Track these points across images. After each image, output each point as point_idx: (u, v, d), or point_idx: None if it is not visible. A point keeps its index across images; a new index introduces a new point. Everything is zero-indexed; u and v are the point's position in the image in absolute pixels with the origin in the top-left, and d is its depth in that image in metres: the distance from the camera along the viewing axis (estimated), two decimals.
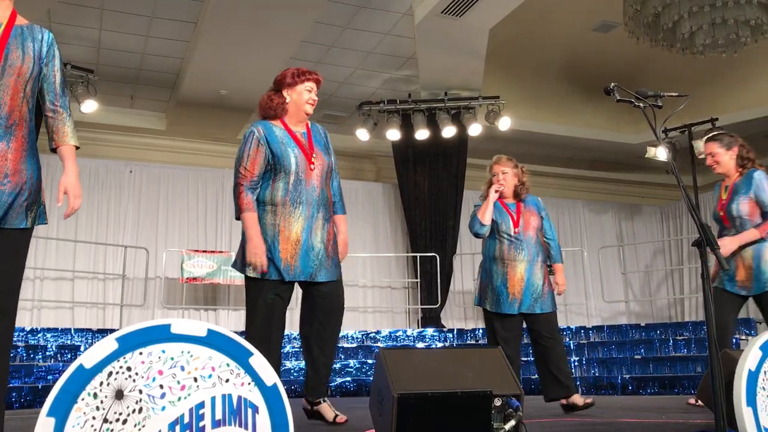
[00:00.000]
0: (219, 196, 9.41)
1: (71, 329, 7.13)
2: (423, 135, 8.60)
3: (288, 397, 1.78)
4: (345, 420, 3.22)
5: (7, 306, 2.32)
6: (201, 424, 1.63)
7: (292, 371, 7.14)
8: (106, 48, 7.58)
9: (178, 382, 1.63)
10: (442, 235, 9.11)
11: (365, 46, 7.74)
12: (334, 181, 3.46)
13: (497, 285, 4.12)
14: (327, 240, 3.29)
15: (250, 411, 1.69)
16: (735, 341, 6.37)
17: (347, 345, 7.76)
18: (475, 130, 8.50)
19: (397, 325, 9.51)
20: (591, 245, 10.73)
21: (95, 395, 1.54)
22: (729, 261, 3.78)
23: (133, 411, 1.57)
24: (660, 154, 8.86)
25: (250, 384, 1.71)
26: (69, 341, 6.91)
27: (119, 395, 1.57)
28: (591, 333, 7.66)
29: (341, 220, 3.48)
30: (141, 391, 1.59)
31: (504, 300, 4.09)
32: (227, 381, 1.69)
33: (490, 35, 7.28)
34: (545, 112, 9.48)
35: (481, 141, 9.07)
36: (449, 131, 8.53)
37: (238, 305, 9.09)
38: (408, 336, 7.99)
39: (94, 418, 1.53)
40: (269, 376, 1.74)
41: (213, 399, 1.66)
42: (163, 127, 9.28)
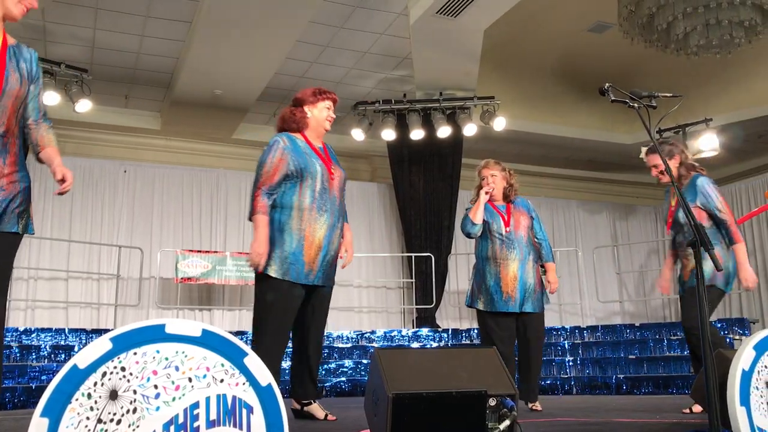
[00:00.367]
0: (214, 196, 9.39)
1: (65, 329, 7.10)
2: (418, 135, 8.61)
3: (282, 397, 1.78)
4: (335, 418, 3.40)
5: None
6: (195, 424, 1.63)
7: (285, 371, 7.12)
8: (100, 47, 7.56)
9: (172, 382, 1.63)
10: (437, 235, 9.12)
11: (360, 46, 7.74)
12: None
13: (490, 285, 4.16)
14: (337, 248, 3.47)
15: (244, 411, 1.69)
16: (729, 341, 6.39)
17: (342, 345, 7.75)
18: (470, 130, 8.51)
19: (392, 325, 9.51)
20: (585, 245, 10.73)
21: (89, 395, 1.54)
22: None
23: (128, 411, 1.56)
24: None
25: (244, 384, 1.71)
26: (63, 341, 6.87)
27: (113, 395, 1.56)
28: (585, 333, 7.68)
29: (346, 227, 3.62)
30: (135, 392, 1.58)
31: (498, 299, 4.13)
32: (222, 381, 1.68)
33: (485, 35, 7.29)
34: (540, 112, 9.49)
35: (476, 141, 9.08)
36: (444, 131, 8.54)
37: (232, 305, 9.08)
38: (403, 336, 7.99)
39: (88, 418, 1.52)
40: (264, 376, 1.74)
41: (207, 399, 1.66)
42: (158, 127, 9.25)
